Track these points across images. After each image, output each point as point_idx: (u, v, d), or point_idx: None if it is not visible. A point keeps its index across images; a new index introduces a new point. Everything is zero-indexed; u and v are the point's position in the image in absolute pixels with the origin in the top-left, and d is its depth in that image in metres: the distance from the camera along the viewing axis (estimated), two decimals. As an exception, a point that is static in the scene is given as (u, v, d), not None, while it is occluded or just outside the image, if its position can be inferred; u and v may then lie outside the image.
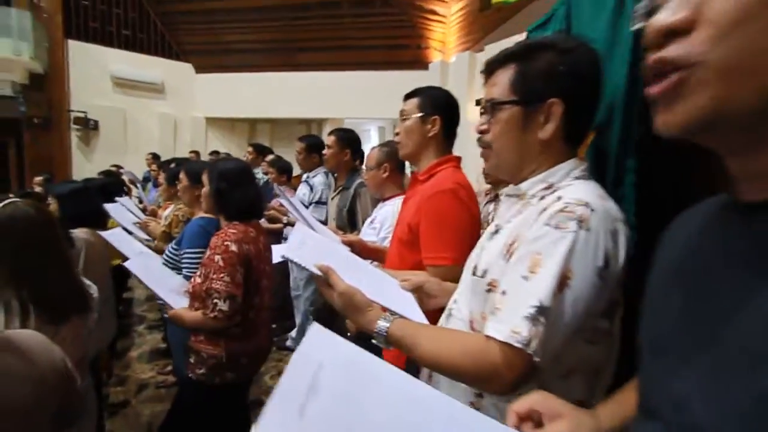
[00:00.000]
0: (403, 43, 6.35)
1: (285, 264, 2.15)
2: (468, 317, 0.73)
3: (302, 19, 6.44)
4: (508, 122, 0.70)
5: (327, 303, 0.79)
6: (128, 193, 4.67)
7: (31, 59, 5.58)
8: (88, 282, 1.23)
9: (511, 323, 0.59)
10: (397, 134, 1.22)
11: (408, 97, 1.23)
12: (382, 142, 1.76)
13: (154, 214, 3.59)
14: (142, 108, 7.05)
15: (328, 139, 2.25)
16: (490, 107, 0.73)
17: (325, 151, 2.61)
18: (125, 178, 5.45)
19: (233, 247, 1.36)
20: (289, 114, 7.22)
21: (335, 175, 2.40)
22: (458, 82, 5.62)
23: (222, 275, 1.33)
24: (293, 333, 2.91)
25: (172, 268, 1.84)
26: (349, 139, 2.19)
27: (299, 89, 6.85)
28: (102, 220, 2.05)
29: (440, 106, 1.18)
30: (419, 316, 0.78)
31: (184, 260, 1.75)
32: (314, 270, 0.79)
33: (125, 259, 1.75)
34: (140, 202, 4.09)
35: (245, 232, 1.44)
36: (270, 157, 3.44)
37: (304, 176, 2.81)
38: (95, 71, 6.57)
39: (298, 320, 2.87)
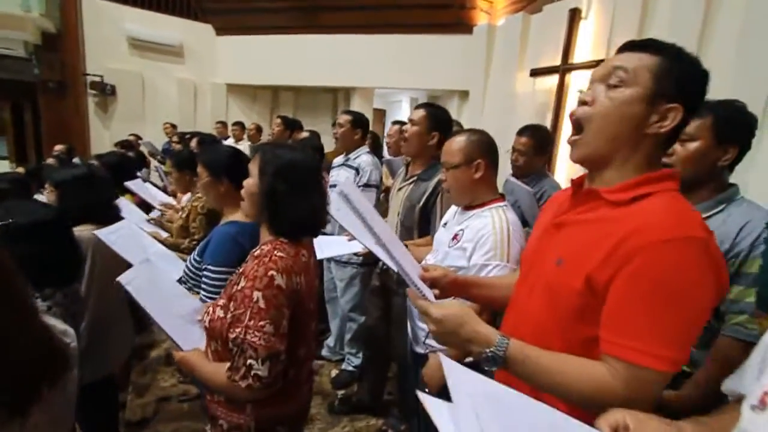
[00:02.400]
0: (445, 2, 5.63)
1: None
2: None
3: (332, -27, 5.77)
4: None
5: (373, 310, 0.94)
6: (147, 166, 4.34)
7: (41, 16, 5.17)
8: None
9: None
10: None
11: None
12: (466, 129, 1.29)
13: (175, 195, 3.25)
14: (160, 72, 6.61)
15: (416, 114, 1.74)
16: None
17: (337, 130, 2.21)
18: (144, 149, 5.12)
19: (280, 281, 0.96)
20: (314, 82, 6.66)
21: (406, 161, 1.95)
22: (508, 48, 4.96)
23: (262, 323, 0.93)
24: (330, 341, 2.57)
25: (193, 285, 1.46)
26: (437, 119, 1.70)
27: (325, 54, 6.26)
28: (113, 213, 1.67)
29: None
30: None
31: (204, 279, 1.36)
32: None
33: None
34: (161, 179, 3.74)
35: (296, 256, 1.02)
36: (303, 134, 3.00)
37: (340, 158, 2.39)
38: (110, 31, 6.12)
39: (334, 327, 2.52)
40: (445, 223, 1.37)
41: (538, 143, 2.22)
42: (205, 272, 1.36)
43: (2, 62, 6.21)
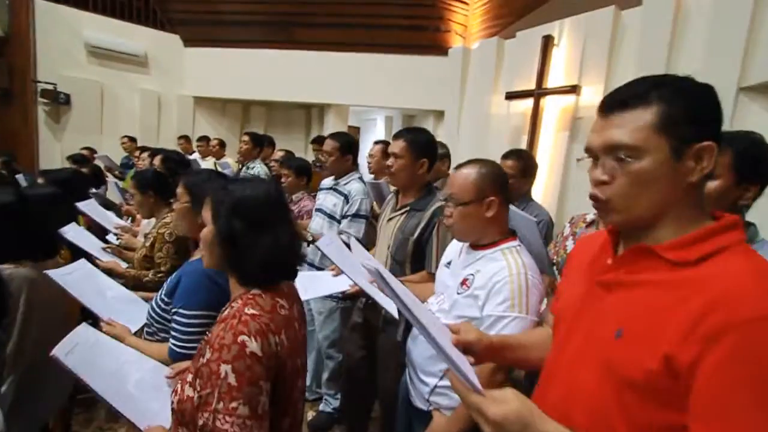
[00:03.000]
0: (420, 24, 5.69)
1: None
2: None
3: (306, -11, 5.70)
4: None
5: (354, 350, 0.87)
6: (104, 183, 3.99)
7: (-13, 18, 4.74)
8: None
9: None
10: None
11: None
12: (475, 160, 1.17)
13: (130, 215, 2.96)
14: (122, 82, 6.24)
15: (396, 146, 1.60)
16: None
17: (326, 157, 2.06)
18: (100, 164, 4.74)
19: (254, 347, 0.78)
20: (287, 97, 6.51)
21: (395, 189, 1.76)
22: (482, 71, 5.03)
23: (234, 405, 0.75)
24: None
25: (159, 330, 1.26)
26: (420, 145, 1.57)
27: (300, 70, 6.14)
28: (53, 245, 1.43)
29: None
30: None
31: (174, 324, 1.18)
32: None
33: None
34: (119, 196, 3.42)
35: (273, 309, 0.85)
36: (279, 153, 2.82)
37: (328, 181, 2.23)
38: (67, 37, 5.72)
39: (310, 362, 2.31)
40: (449, 263, 1.23)
41: (525, 166, 2.18)
42: (175, 317, 1.19)
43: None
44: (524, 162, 2.20)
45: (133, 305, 1.44)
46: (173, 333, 1.18)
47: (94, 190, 3.17)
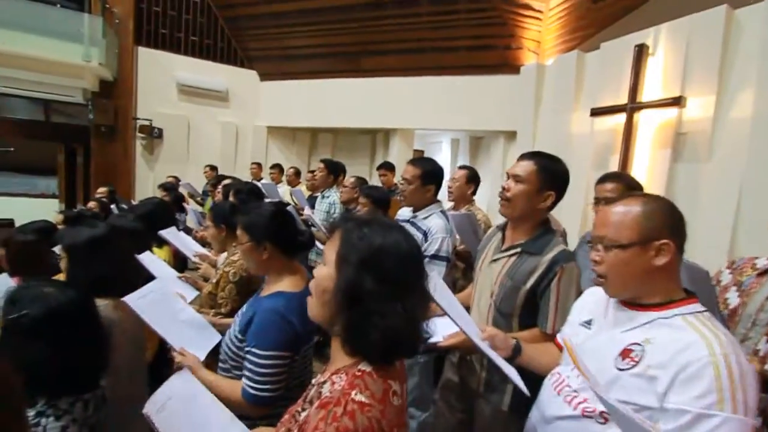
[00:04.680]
0: (490, 44, 5.50)
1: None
2: None
3: (375, 19, 5.81)
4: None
5: (446, 410, 1.30)
6: (184, 210, 4.23)
7: (100, 65, 5.43)
8: None
9: None
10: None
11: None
12: (637, 193, 0.91)
13: (205, 240, 3.03)
14: (206, 116, 6.80)
15: (523, 168, 1.30)
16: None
17: (405, 185, 1.86)
18: (183, 191, 5.08)
19: None
20: (354, 124, 6.61)
21: (500, 224, 1.49)
22: (560, 87, 4.67)
23: None
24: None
25: (233, 367, 1.18)
26: (554, 174, 1.31)
27: (366, 96, 6.23)
28: (133, 281, 1.41)
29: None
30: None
31: (248, 364, 1.13)
32: None
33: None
34: (198, 223, 3.58)
35: (385, 396, 0.66)
36: (350, 180, 2.74)
37: (406, 212, 2.04)
38: (162, 78, 6.39)
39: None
40: (589, 321, 0.97)
41: (629, 189, 1.84)
42: (248, 356, 1.13)
43: (60, 108, 6.59)
44: (627, 185, 1.85)
45: (204, 331, 1.37)
46: (247, 373, 1.12)
47: (177, 216, 3.33)
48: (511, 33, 5.29)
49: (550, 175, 1.29)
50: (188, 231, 3.51)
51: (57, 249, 1.27)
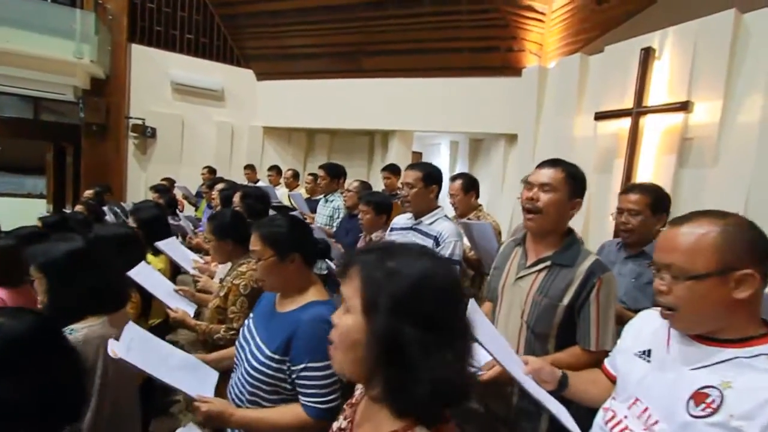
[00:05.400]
0: (491, 45, 5.44)
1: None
2: None
3: (375, 19, 5.72)
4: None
5: None
6: (176, 214, 4.10)
7: (92, 63, 5.28)
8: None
9: None
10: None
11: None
12: (709, 212, 0.79)
13: (200, 248, 2.91)
14: (200, 116, 6.64)
15: (550, 176, 1.21)
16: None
17: (407, 190, 1.77)
18: (178, 193, 4.95)
19: None
20: (352, 125, 6.51)
21: (517, 237, 1.38)
22: (562, 90, 4.62)
23: None
24: None
25: (270, 392, 1.11)
26: (578, 180, 1.22)
27: (365, 97, 6.13)
28: (124, 293, 1.29)
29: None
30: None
31: (303, 381, 1.06)
32: None
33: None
34: (190, 228, 3.45)
35: None
36: (354, 184, 2.63)
37: (405, 219, 1.94)
38: (156, 77, 6.24)
39: None
40: (646, 352, 0.84)
41: (654, 201, 1.75)
42: (304, 373, 1.05)
43: (50, 105, 6.40)
44: (652, 196, 1.77)
45: (200, 371, 1.25)
46: (309, 391, 1.05)
47: (172, 222, 3.20)
48: (514, 35, 5.23)
49: (577, 181, 1.20)
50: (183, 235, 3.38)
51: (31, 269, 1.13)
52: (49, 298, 1.09)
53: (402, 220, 1.97)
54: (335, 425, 0.68)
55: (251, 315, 1.26)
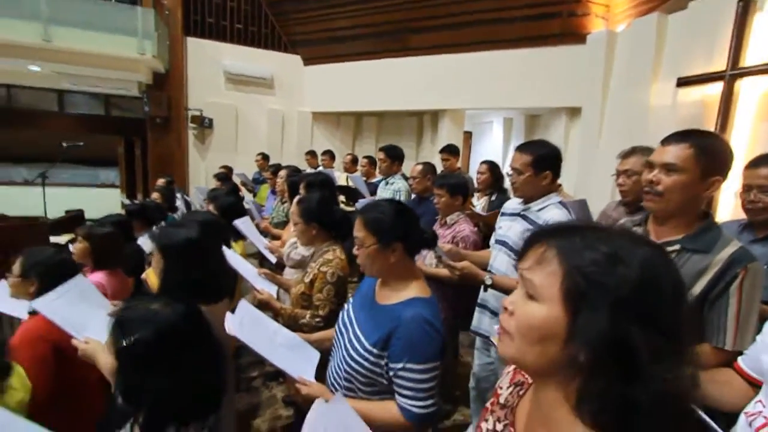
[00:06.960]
0: (550, 12, 5.03)
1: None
2: None
3: (423, -7, 5.48)
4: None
5: None
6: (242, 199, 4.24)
7: (153, 58, 5.52)
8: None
9: None
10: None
11: None
12: None
13: (268, 231, 2.98)
14: (252, 104, 6.81)
15: (675, 154, 1.05)
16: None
17: (515, 176, 1.63)
18: (237, 180, 5.12)
19: None
20: (400, 106, 6.37)
21: (636, 218, 1.22)
22: (636, 56, 4.19)
23: None
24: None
25: (364, 383, 1.10)
26: (717, 155, 1.05)
27: (412, 77, 5.96)
28: (225, 285, 1.32)
29: None
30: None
31: (403, 381, 1.03)
32: None
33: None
34: (253, 214, 3.55)
35: None
36: (418, 168, 2.54)
37: (512, 204, 1.77)
38: (210, 68, 6.44)
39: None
40: None
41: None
42: (403, 373, 1.03)
43: (118, 101, 6.84)
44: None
45: (303, 351, 1.26)
46: (406, 392, 1.03)
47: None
48: (576, -2, 4.79)
49: (713, 157, 1.03)
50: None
51: (143, 244, 1.18)
52: (162, 279, 1.13)
53: (513, 204, 1.81)
54: (484, 426, 0.63)
55: (350, 300, 1.24)
